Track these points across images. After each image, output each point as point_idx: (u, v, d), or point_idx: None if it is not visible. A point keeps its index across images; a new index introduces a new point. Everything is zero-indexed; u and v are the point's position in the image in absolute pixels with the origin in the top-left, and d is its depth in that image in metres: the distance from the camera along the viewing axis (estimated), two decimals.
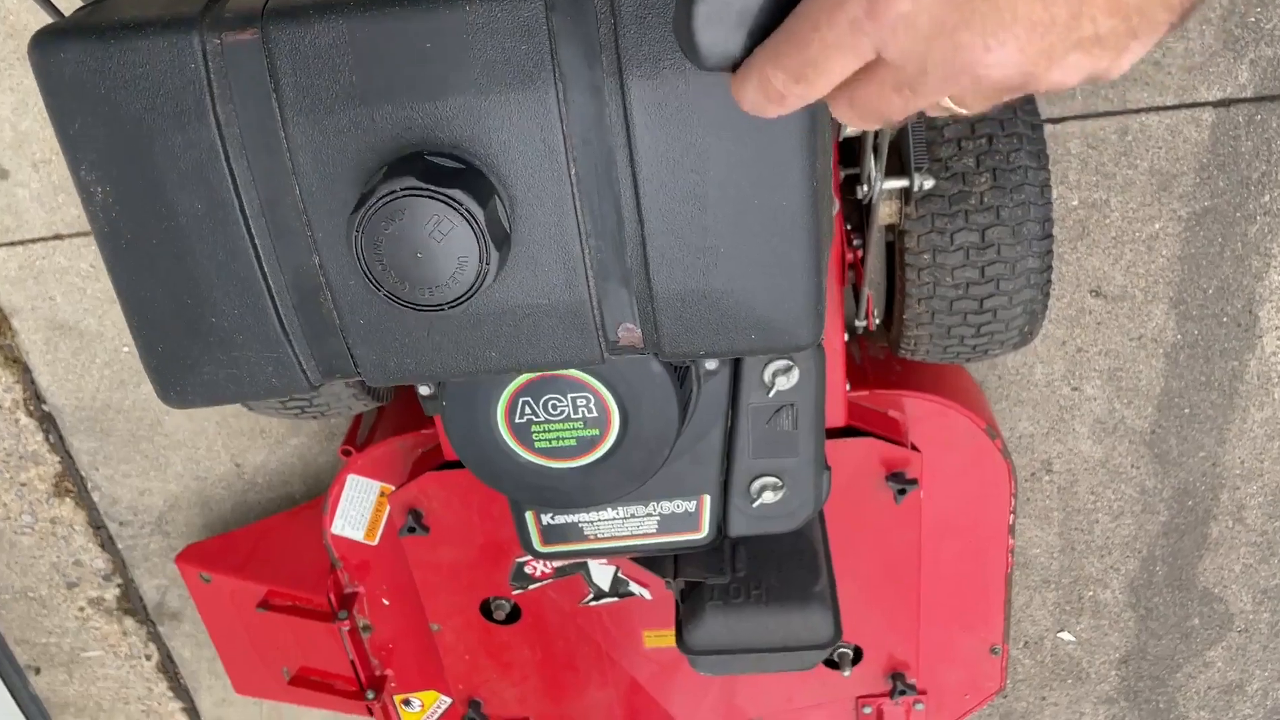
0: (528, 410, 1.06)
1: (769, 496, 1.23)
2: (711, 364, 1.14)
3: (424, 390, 1.20)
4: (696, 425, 1.18)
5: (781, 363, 1.14)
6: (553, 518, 1.26)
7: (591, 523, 1.26)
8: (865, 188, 1.37)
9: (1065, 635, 2.25)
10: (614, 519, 1.26)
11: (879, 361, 1.79)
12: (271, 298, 0.77)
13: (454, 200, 0.68)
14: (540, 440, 1.08)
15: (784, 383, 1.15)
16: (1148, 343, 1.86)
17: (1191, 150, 1.67)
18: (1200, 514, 2.07)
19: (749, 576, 1.35)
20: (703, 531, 1.26)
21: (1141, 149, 1.67)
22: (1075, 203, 1.72)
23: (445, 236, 0.69)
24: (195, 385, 0.77)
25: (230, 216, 0.75)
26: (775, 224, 0.75)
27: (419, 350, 0.77)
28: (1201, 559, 2.13)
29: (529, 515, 1.26)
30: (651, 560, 1.37)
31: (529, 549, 1.28)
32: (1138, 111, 1.64)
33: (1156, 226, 1.74)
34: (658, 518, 1.25)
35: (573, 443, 1.07)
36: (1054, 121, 1.66)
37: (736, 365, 1.15)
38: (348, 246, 0.70)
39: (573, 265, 0.77)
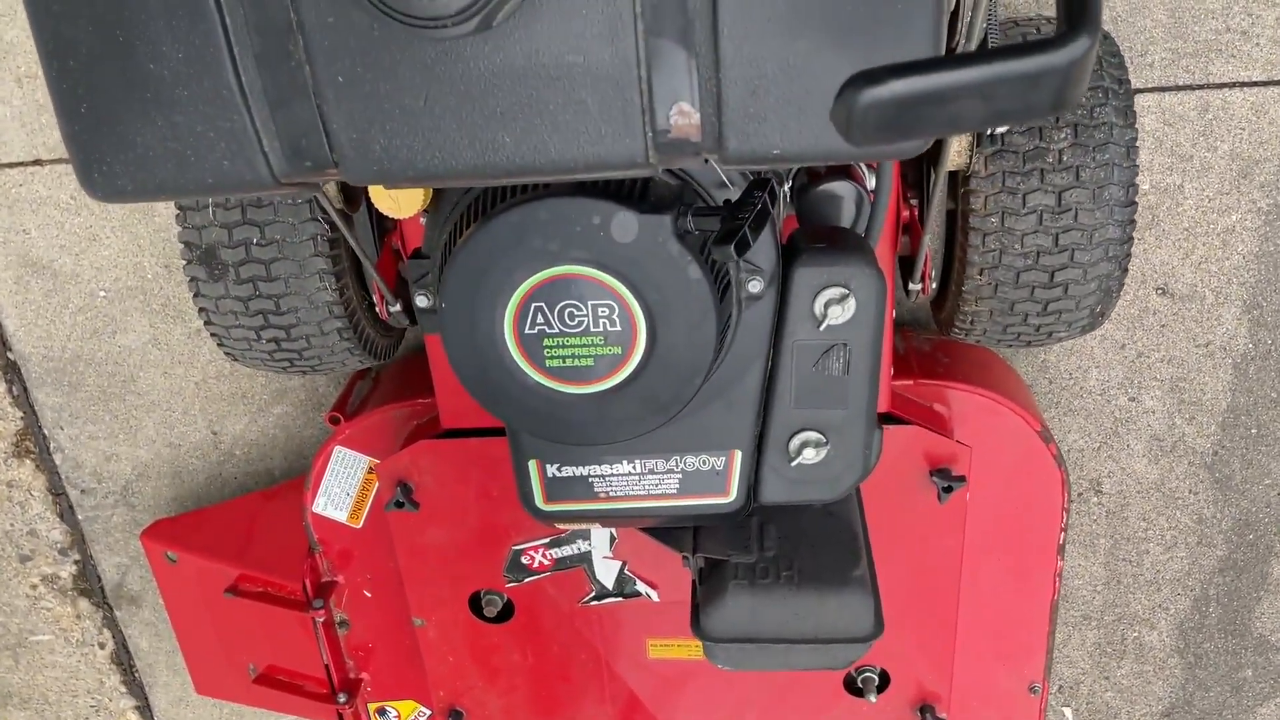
0: (540, 319, 0.91)
1: (810, 455, 1.07)
2: (755, 285, 0.98)
3: (421, 301, 1.05)
4: (733, 361, 1.02)
5: (835, 290, 0.99)
6: (559, 469, 1.10)
7: (603, 478, 1.10)
8: None
9: (1067, 712, 2.06)
10: (630, 474, 1.09)
11: (924, 352, 1.64)
12: (227, 36, 0.60)
13: None
14: (553, 357, 0.92)
15: (837, 315, 0.99)
16: (1215, 351, 1.70)
17: (1276, 134, 1.53)
18: (1261, 550, 1.89)
19: (779, 556, 1.17)
20: (730, 495, 1.09)
21: (1223, 129, 1.53)
22: (1147, 186, 1.58)
23: None
24: (127, 164, 0.61)
25: None
26: None
27: (412, 127, 0.61)
28: (1259, 602, 1.95)
29: (532, 465, 1.10)
30: (668, 532, 1.20)
31: (529, 506, 1.12)
32: (1220, 86, 1.51)
33: (1233, 219, 1.59)
34: (680, 475, 1.09)
35: (590, 362, 0.92)
36: None
37: (783, 291, 1.00)
38: None
39: (618, 7, 0.61)
